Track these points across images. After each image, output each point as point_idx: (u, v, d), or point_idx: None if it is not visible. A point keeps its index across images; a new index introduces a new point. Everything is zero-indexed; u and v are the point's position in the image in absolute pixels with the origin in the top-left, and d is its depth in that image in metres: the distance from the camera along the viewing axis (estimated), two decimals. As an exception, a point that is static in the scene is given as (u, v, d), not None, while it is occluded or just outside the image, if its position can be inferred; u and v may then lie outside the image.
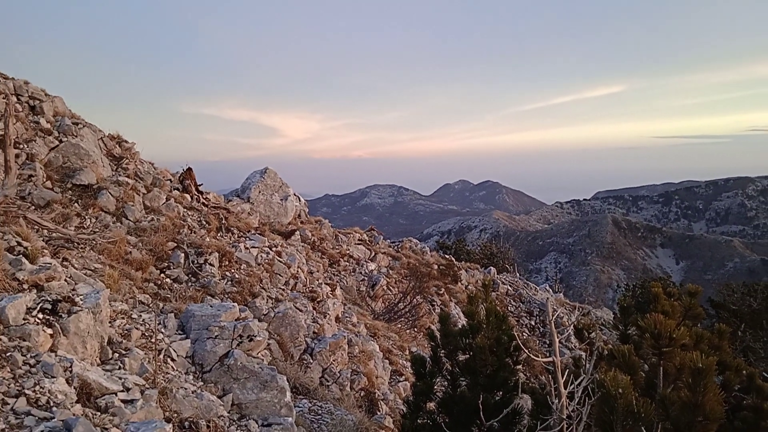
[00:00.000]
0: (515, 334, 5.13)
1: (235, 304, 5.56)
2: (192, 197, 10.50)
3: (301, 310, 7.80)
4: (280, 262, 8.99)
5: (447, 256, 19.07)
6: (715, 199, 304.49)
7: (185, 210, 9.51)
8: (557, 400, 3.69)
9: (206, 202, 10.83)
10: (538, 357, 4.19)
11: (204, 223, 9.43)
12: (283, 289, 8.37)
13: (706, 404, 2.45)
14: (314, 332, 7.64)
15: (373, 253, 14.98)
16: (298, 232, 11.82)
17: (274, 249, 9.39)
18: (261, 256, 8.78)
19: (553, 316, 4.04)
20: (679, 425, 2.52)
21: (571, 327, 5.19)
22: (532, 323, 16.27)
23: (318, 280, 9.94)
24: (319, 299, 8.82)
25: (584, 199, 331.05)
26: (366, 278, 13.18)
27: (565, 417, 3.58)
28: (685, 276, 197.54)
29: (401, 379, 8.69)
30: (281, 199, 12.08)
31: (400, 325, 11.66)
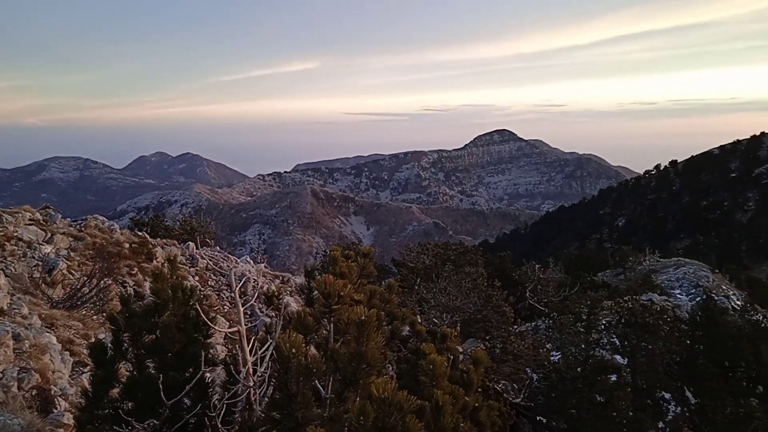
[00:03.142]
0: (214, 307, 5.01)
1: None
2: None
3: (-55, 307, 6.48)
4: None
5: (141, 234, 17.87)
6: (397, 171, 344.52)
7: None
8: (244, 369, 3.72)
9: None
10: (224, 328, 4.15)
11: None
12: None
13: (368, 353, 2.70)
14: (-34, 331, 6.43)
15: (50, 234, 13.20)
16: (-56, 214, 9.76)
17: None
18: None
19: (237, 285, 4.04)
20: (346, 375, 2.72)
21: (256, 294, 5.29)
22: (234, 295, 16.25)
23: (-27, 270, 8.37)
24: (-27, 292, 7.44)
25: (285, 172, 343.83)
26: (41, 263, 11.56)
27: (251, 384, 3.62)
28: (374, 240, 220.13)
29: (86, 370, 7.89)
30: None
31: (85, 312, 10.56)
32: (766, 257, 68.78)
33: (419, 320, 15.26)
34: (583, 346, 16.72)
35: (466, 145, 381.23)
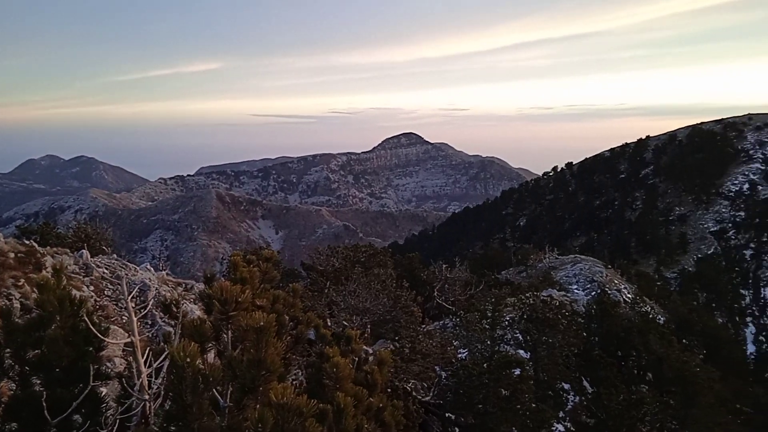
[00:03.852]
0: (112, 318, 4.73)
1: None
2: None
3: None
4: None
5: (28, 242, 16.65)
6: (306, 173, 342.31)
7: None
8: (138, 381, 3.54)
9: None
10: (121, 339, 3.93)
11: None
12: None
13: (268, 359, 2.63)
14: None
15: None
16: None
17: None
18: None
19: (131, 294, 3.84)
20: (245, 382, 2.65)
21: (151, 303, 5.06)
22: (133, 305, 15.46)
23: None
24: None
25: (188, 175, 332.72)
26: None
27: (145, 397, 3.45)
28: (283, 243, 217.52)
29: (-36, 392, 7.23)
30: None
31: (-37, 328, 9.70)
32: (652, 252, 73.99)
33: (329, 323, 15.21)
34: (488, 342, 17.25)
35: (374, 147, 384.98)
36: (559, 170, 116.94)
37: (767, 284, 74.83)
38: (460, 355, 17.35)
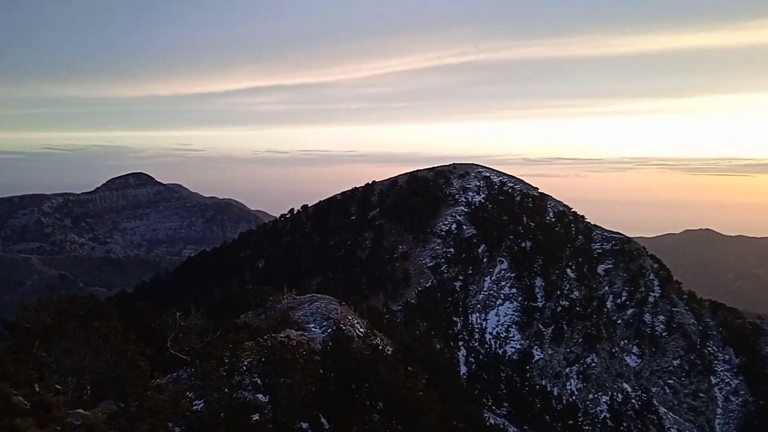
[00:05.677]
0: None
1: None
2: None
3: None
4: None
5: None
6: (12, 217, 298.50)
7: None
8: None
9: None
10: None
11: None
12: None
13: None
14: None
15: None
16: None
17: None
18: None
19: None
20: None
21: None
22: None
23: None
24: None
25: None
26: None
27: None
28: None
29: None
30: None
31: None
32: (381, 288, 80.00)
33: (37, 389, 13.18)
34: (226, 390, 16.68)
35: (97, 188, 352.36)
36: (295, 212, 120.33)
37: (473, 311, 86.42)
38: (195, 407, 16.44)
